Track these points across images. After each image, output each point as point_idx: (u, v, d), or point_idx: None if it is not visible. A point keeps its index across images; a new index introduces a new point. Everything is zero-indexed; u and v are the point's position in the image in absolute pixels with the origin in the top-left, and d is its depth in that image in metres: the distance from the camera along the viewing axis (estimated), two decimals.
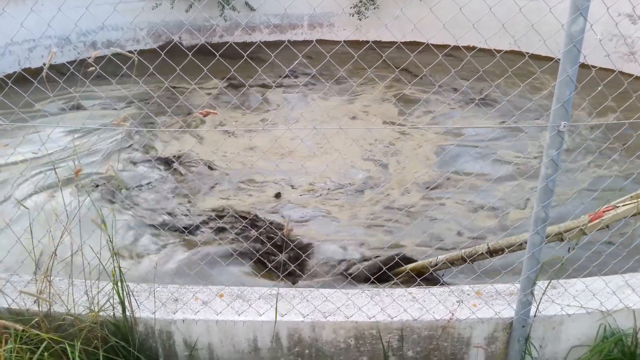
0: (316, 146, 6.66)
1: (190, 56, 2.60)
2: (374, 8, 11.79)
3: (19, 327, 2.23)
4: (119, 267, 2.46)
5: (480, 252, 3.64)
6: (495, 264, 3.52)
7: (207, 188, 5.68)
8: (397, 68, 2.96)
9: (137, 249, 4.57)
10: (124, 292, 2.49)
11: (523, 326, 2.49)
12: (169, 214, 5.14)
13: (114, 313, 2.52)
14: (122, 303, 2.50)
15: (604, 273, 2.81)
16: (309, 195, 5.56)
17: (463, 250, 3.76)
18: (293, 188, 5.70)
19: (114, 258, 2.45)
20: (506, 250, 3.47)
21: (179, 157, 6.44)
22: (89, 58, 2.50)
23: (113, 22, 11.02)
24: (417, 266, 3.97)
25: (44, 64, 2.48)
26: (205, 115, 2.40)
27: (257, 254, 4.16)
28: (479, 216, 5.04)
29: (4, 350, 2.23)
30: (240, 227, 4.83)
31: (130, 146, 6.77)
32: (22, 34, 9.43)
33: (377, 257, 4.29)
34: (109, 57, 2.45)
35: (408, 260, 4.19)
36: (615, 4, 3.60)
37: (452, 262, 3.81)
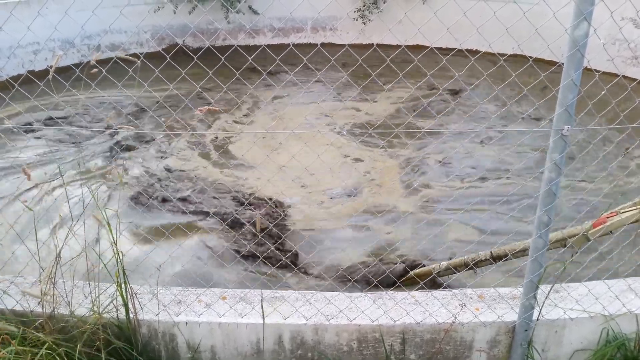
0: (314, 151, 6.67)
1: (195, 59, 2.61)
2: (378, 12, 11.81)
3: (14, 328, 2.23)
4: (123, 269, 2.47)
5: (483, 258, 3.64)
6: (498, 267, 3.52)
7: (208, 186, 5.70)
8: (400, 72, 2.96)
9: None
10: (128, 294, 2.50)
11: (526, 330, 2.49)
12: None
13: (117, 315, 2.53)
14: (125, 305, 2.50)
15: (607, 277, 2.81)
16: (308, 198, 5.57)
17: (466, 256, 3.76)
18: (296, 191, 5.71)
19: (118, 260, 2.46)
20: (509, 255, 3.47)
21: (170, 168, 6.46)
22: (91, 60, 2.51)
23: (117, 26, 11.07)
24: (421, 272, 3.97)
25: (49, 67, 2.49)
26: (204, 112, 2.41)
27: (261, 257, 4.16)
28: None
29: (7, 352, 2.24)
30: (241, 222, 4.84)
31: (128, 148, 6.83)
32: (27, 37, 9.47)
33: (381, 261, 4.29)
34: (114, 61, 2.47)
35: (412, 266, 4.19)
36: (619, 8, 3.61)
37: (456, 268, 3.81)
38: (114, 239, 2.47)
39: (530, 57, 2.66)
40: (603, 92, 2.67)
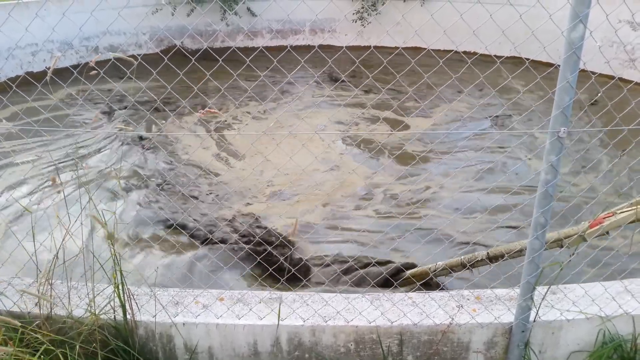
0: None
1: (193, 61, 2.62)
2: (376, 14, 11.83)
3: (17, 322, 2.23)
4: (120, 270, 2.47)
5: (480, 258, 3.64)
6: (495, 269, 3.53)
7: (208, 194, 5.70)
8: (398, 74, 2.95)
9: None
10: (125, 295, 2.50)
11: (522, 331, 2.49)
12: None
13: (114, 316, 2.53)
14: (122, 306, 2.50)
15: (604, 279, 2.82)
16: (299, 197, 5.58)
17: (463, 256, 3.77)
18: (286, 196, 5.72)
19: (115, 261, 2.46)
20: (506, 256, 3.48)
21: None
22: (90, 62, 2.51)
23: (115, 27, 11.09)
24: (417, 272, 3.98)
25: (47, 68, 2.49)
26: (205, 114, 2.42)
27: (259, 258, 4.16)
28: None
29: (4, 353, 2.24)
30: (242, 231, 4.84)
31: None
32: (25, 38, 9.47)
33: (377, 262, 4.29)
34: (113, 62, 2.47)
35: (408, 266, 4.20)
36: (615, 11, 3.63)
37: (452, 268, 3.81)
38: (111, 240, 2.47)
39: (527, 59, 2.68)
40: (599, 94, 2.68)
